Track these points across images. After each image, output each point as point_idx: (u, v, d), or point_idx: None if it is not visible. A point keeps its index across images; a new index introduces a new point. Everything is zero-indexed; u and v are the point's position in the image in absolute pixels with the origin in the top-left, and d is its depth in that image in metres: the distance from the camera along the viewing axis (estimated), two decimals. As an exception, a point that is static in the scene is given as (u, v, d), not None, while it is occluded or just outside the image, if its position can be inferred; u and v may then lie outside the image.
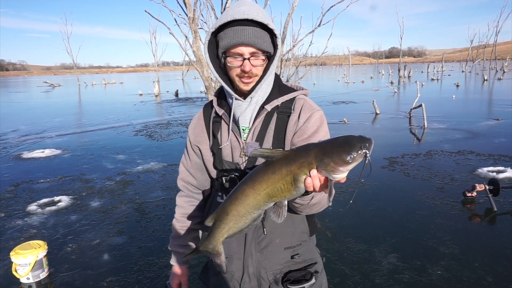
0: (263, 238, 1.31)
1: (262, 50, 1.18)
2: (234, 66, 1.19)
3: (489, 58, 56.48)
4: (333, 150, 0.87)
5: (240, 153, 1.29)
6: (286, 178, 0.92)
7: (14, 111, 19.16)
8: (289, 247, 1.34)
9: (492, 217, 4.28)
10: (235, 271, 1.36)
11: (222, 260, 1.18)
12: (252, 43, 1.15)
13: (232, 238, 1.33)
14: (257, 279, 1.34)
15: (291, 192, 0.94)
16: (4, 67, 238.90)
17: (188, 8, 4.73)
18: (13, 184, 6.13)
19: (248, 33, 1.14)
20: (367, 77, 41.14)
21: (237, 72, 1.20)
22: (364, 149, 0.87)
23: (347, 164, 0.86)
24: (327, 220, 4.25)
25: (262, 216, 1.27)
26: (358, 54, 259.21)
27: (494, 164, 6.23)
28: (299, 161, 0.91)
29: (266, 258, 1.33)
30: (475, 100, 17.09)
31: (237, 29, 1.14)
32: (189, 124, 1.46)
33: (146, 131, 11.00)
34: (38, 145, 9.55)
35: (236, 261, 1.35)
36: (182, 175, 1.50)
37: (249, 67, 1.17)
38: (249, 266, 1.33)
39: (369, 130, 10.20)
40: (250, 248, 1.32)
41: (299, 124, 1.25)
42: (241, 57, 1.17)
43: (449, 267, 3.22)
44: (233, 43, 1.15)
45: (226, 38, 1.16)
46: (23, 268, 3.18)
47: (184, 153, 1.48)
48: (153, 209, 4.78)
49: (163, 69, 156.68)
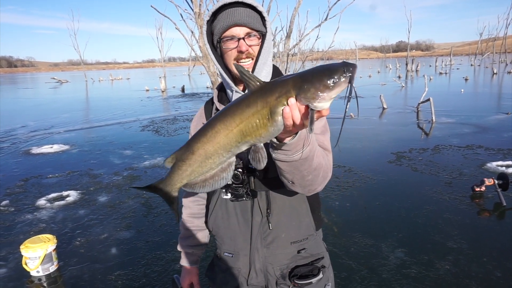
0: (269, 233, 1.30)
1: (255, 29, 1.18)
2: (230, 48, 1.18)
3: (499, 51, 55.58)
4: (313, 75, 0.79)
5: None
6: (262, 112, 0.82)
7: (22, 107, 19.36)
8: (295, 241, 1.33)
9: (501, 212, 4.23)
10: (241, 267, 1.35)
11: (175, 208, 1.07)
12: (245, 22, 1.16)
13: (237, 235, 1.33)
14: (264, 274, 1.33)
15: (267, 128, 0.83)
16: (13, 63, 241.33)
17: (194, 3, 4.72)
18: (23, 179, 6.21)
19: (240, 12, 1.16)
20: (374, 72, 40.78)
21: (234, 55, 1.19)
22: (348, 72, 0.78)
23: (329, 90, 0.78)
24: (334, 215, 4.24)
25: (268, 210, 1.26)
26: (365, 48, 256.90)
27: (503, 158, 6.14)
28: (276, 91, 0.81)
29: (272, 254, 1.32)
30: (484, 94, 16.85)
31: (229, 11, 1.16)
32: (192, 123, 1.45)
33: (152, 127, 11.05)
34: (46, 140, 9.66)
35: (242, 257, 1.34)
36: None
37: (245, 47, 1.17)
38: (256, 262, 1.32)
39: (376, 124, 10.13)
40: (256, 243, 1.31)
41: None
42: (236, 38, 1.17)
43: (457, 262, 3.19)
44: (227, 24, 1.16)
45: (219, 23, 1.17)
46: (33, 261, 3.23)
47: None
48: (160, 204, 4.81)
49: (169, 64, 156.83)
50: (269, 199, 1.27)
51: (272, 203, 1.28)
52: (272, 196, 1.28)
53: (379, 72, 39.81)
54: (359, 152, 7.09)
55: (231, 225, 1.34)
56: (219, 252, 1.43)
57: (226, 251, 1.39)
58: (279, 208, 1.29)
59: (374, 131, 9.20)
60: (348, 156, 6.72)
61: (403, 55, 70.35)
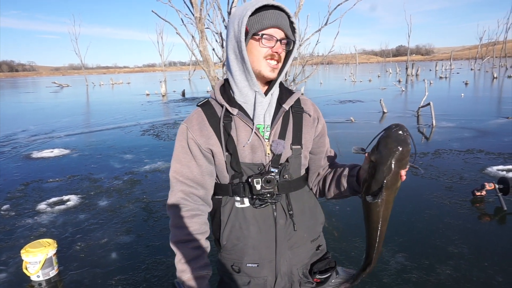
0: (293, 235, 1.31)
1: (290, 38, 1.20)
2: (267, 46, 1.17)
3: (499, 56, 55.75)
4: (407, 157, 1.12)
5: (264, 152, 1.24)
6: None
7: (23, 112, 19.40)
8: (314, 239, 1.38)
9: (502, 216, 4.23)
10: (267, 275, 1.30)
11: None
12: (286, 28, 1.17)
13: (260, 243, 1.28)
14: (288, 277, 1.33)
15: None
16: (14, 67, 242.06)
17: (194, 8, 4.74)
18: (23, 183, 6.22)
19: (283, 17, 1.17)
20: (374, 76, 40.85)
21: (266, 54, 1.18)
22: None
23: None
24: (334, 220, 4.24)
25: (291, 212, 1.29)
26: (365, 53, 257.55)
27: (504, 163, 6.15)
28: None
29: (296, 254, 1.33)
30: (484, 98, 16.87)
31: (273, 12, 1.15)
32: (186, 127, 1.26)
33: (153, 131, 11.07)
34: (47, 145, 9.67)
35: (267, 264, 1.29)
36: (182, 187, 1.25)
37: (282, 48, 1.18)
38: (281, 267, 1.30)
39: (376, 128, 10.12)
40: (281, 248, 1.29)
41: (319, 125, 1.36)
42: (275, 38, 1.17)
43: (458, 266, 3.19)
44: (271, 23, 1.15)
45: (263, 20, 1.15)
46: (33, 266, 3.23)
47: (182, 161, 1.26)
48: (160, 208, 4.81)
49: (170, 69, 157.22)
50: (289, 201, 1.29)
51: (293, 204, 1.30)
52: (292, 197, 1.30)
53: (379, 77, 39.89)
54: (359, 156, 7.07)
55: (252, 234, 1.27)
56: (239, 265, 1.30)
57: (249, 262, 1.29)
58: (299, 208, 1.32)
59: (374, 136, 9.19)
60: (348, 160, 6.66)
61: (403, 60, 70.54)
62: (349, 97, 19.20)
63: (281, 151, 1.23)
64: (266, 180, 1.18)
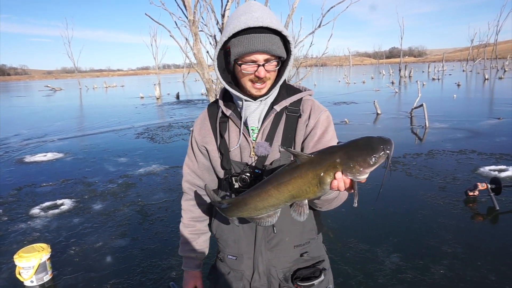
0: (273, 237, 1.33)
1: (275, 55, 1.18)
2: (249, 73, 1.19)
3: (490, 57, 56.40)
4: (357, 153, 0.93)
5: (250, 153, 1.29)
6: (312, 181, 0.98)
7: (16, 116, 19.22)
8: (298, 245, 1.37)
9: (495, 215, 4.28)
10: (245, 269, 1.38)
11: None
12: (266, 50, 1.14)
13: (241, 238, 1.37)
14: (267, 277, 1.36)
15: (315, 193, 1.00)
16: (6, 71, 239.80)
17: (188, 11, 4.75)
18: (16, 188, 6.16)
19: (263, 40, 1.14)
20: (367, 78, 41.12)
21: (250, 78, 1.20)
22: (386, 150, 0.93)
23: (371, 166, 0.93)
24: (330, 221, 4.25)
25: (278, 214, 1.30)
26: (359, 55, 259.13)
27: (495, 163, 6.22)
28: (325, 164, 0.96)
29: (276, 256, 1.35)
30: (476, 99, 17.06)
31: (251, 37, 1.13)
32: (194, 125, 1.44)
33: (147, 134, 11.03)
34: (40, 149, 9.59)
35: (246, 260, 1.37)
36: (187, 177, 1.46)
37: (264, 73, 1.18)
38: (259, 265, 1.35)
39: (370, 130, 10.20)
40: (260, 247, 1.34)
41: (310, 125, 1.28)
42: (255, 63, 1.17)
43: (452, 266, 3.21)
44: (248, 50, 1.14)
45: (240, 46, 1.15)
46: (26, 271, 3.20)
47: (189, 154, 1.45)
48: (155, 211, 4.79)
49: (164, 71, 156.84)
50: None
51: None
52: None
53: (373, 78, 40.16)
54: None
55: (235, 229, 1.36)
56: (222, 255, 1.44)
57: (230, 253, 1.41)
58: (284, 212, 1.30)
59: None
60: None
61: (396, 61, 71.05)
62: (343, 98, 19.31)
63: (263, 153, 1.26)
64: (241, 179, 1.26)
